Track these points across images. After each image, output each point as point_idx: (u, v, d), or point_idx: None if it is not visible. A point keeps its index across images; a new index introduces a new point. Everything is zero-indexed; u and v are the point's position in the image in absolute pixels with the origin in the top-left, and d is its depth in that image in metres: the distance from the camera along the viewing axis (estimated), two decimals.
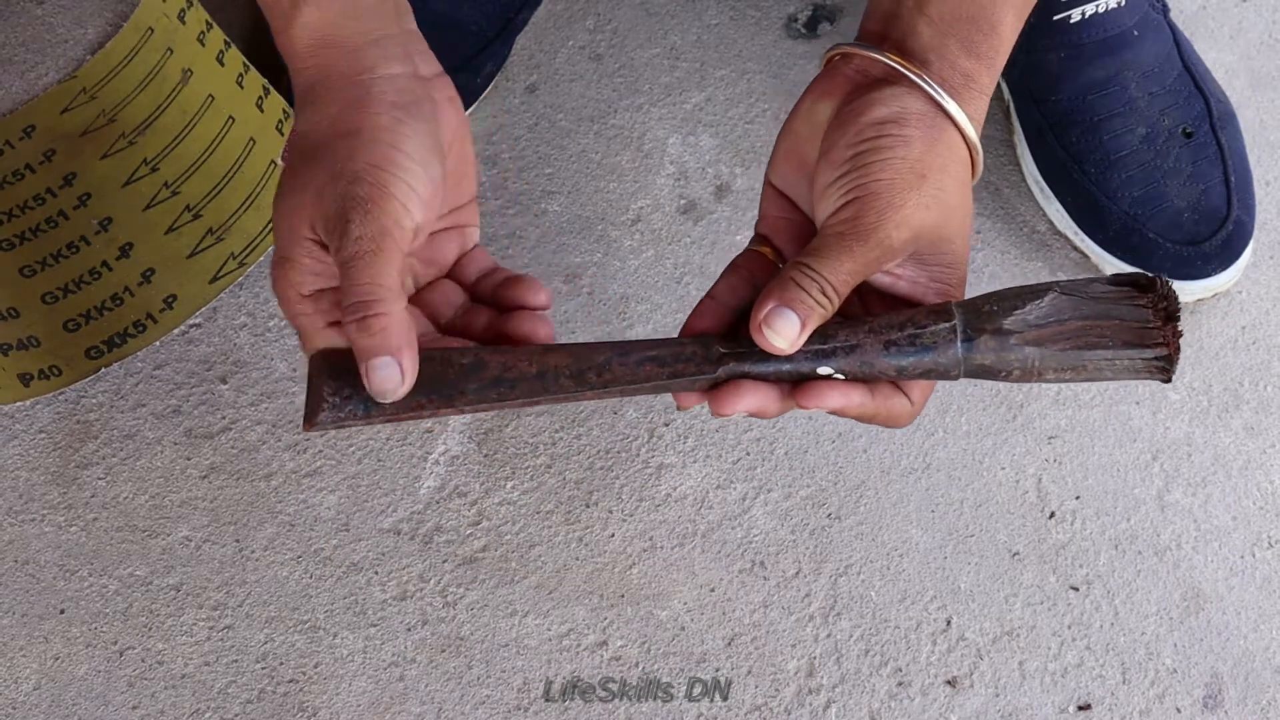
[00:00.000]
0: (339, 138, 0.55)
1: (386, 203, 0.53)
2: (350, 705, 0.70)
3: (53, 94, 0.89)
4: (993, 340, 0.54)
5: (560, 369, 0.54)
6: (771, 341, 0.53)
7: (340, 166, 0.54)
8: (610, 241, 0.84)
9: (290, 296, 0.55)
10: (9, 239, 0.84)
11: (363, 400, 0.53)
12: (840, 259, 0.53)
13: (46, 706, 0.70)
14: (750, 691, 0.70)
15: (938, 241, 0.55)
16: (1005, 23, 0.56)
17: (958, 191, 0.55)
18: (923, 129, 0.54)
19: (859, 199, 0.53)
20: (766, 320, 0.53)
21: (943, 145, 0.55)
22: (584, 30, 0.93)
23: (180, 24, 0.87)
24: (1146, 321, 0.55)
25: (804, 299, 0.53)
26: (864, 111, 0.55)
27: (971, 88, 0.56)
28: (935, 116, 0.55)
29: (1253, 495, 0.76)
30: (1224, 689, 0.71)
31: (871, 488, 0.76)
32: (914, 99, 0.55)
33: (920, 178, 0.53)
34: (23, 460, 0.77)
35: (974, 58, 0.55)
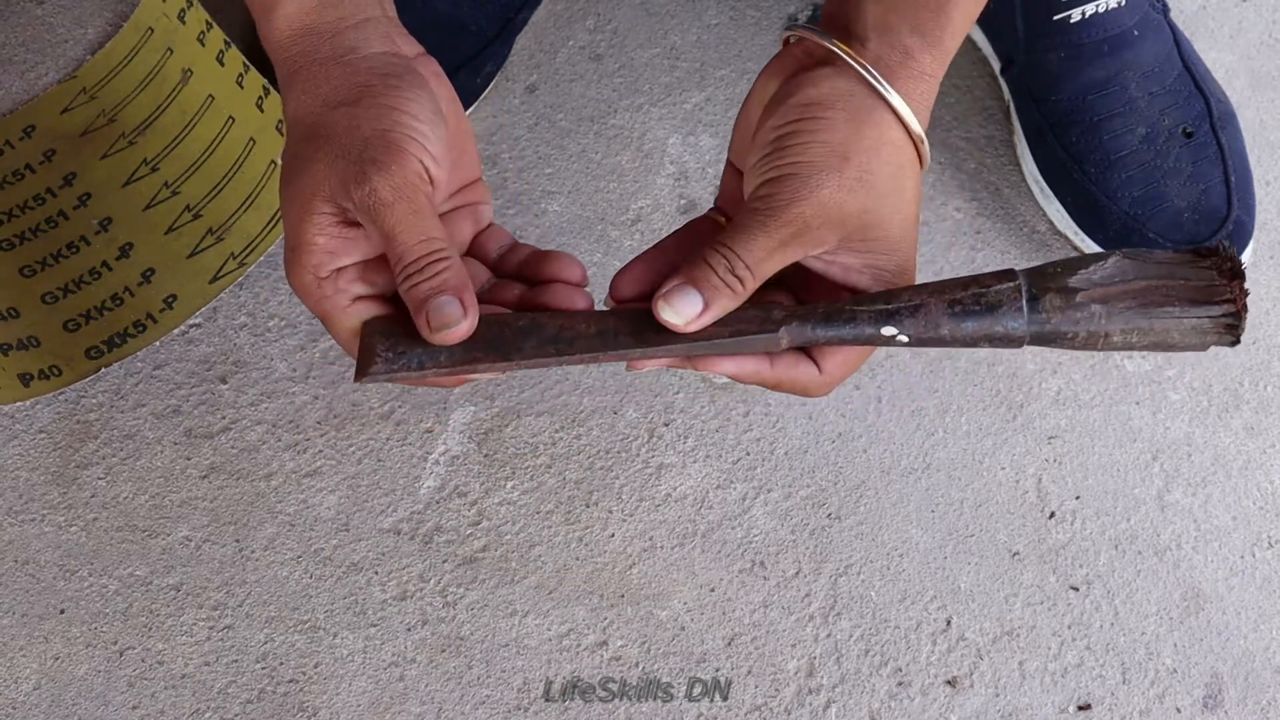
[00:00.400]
0: (335, 111, 0.54)
1: (405, 159, 0.52)
2: (350, 705, 0.70)
3: (53, 94, 0.89)
4: (1059, 299, 0.53)
5: (619, 328, 0.54)
6: (666, 318, 0.53)
7: (345, 137, 0.53)
8: (610, 241, 0.84)
9: (308, 283, 0.54)
10: (9, 239, 0.84)
11: (417, 354, 0.53)
12: (753, 236, 0.53)
13: (46, 706, 0.70)
14: (750, 691, 0.70)
15: (867, 226, 0.54)
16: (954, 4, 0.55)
17: (890, 176, 0.54)
18: (850, 110, 0.53)
19: (776, 179, 0.53)
20: (666, 296, 0.53)
21: (871, 128, 0.53)
22: (584, 30, 0.93)
23: (180, 24, 0.87)
24: (1212, 280, 0.53)
25: (710, 278, 0.53)
26: (793, 93, 0.54)
27: (910, 66, 0.54)
28: (866, 97, 0.54)
29: (1253, 495, 0.76)
30: (1224, 689, 0.71)
31: (871, 488, 0.76)
32: (845, 80, 0.54)
33: (842, 160, 0.53)
34: (23, 460, 0.77)
35: (917, 34, 0.54)
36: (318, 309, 0.55)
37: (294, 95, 0.56)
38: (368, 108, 0.54)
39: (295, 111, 0.55)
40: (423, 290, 0.52)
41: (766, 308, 0.54)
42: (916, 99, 0.55)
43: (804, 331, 0.54)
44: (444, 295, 0.52)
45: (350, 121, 0.53)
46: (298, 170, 0.54)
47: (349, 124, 0.53)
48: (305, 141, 0.54)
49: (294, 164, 0.54)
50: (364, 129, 0.53)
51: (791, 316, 0.54)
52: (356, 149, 0.52)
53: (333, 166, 0.53)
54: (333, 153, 0.53)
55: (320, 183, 0.53)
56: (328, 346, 0.80)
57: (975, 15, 0.56)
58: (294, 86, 0.56)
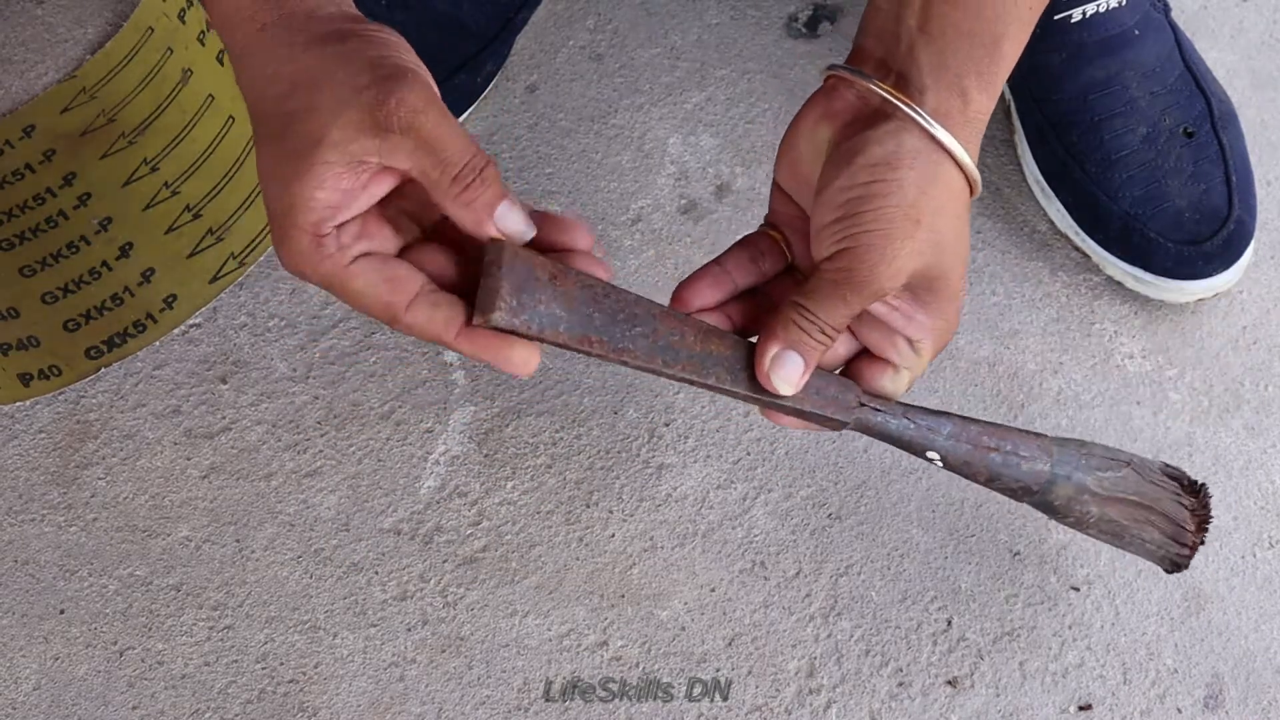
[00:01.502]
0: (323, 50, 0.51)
1: (419, 73, 0.51)
2: (350, 705, 0.70)
3: (53, 94, 0.89)
4: (1070, 489, 0.63)
5: (720, 358, 0.57)
6: (778, 387, 0.56)
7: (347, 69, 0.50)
8: (610, 241, 0.84)
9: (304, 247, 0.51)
10: (9, 239, 0.84)
11: (539, 314, 0.51)
12: (836, 306, 0.55)
13: (46, 706, 0.70)
14: (750, 692, 0.70)
15: (934, 279, 0.56)
16: (1007, 38, 0.55)
17: (953, 229, 0.55)
18: (918, 169, 0.54)
19: (852, 250, 0.54)
20: (774, 366, 0.56)
21: (939, 185, 0.54)
22: (584, 30, 0.92)
23: (180, 24, 0.87)
24: (1184, 523, 0.65)
25: (805, 340, 0.56)
26: (860, 151, 0.54)
27: (968, 112, 0.55)
28: (932, 153, 0.54)
29: (1253, 495, 0.76)
30: (1225, 689, 0.70)
31: (872, 488, 0.76)
32: (910, 135, 0.54)
33: (915, 224, 0.53)
34: (23, 460, 0.77)
35: (974, 75, 0.54)
36: (318, 273, 0.52)
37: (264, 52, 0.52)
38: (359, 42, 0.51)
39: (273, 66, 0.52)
40: (487, 196, 0.51)
41: (846, 388, 0.59)
42: (973, 142, 0.55)
43: (868, 422, 0.60)
44: (505, 201, 0.51)
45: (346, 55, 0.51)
46: (285, 126, 0.50)
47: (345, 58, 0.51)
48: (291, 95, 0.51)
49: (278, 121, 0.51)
50: (366, 55, 0.51)
51: (866, 408, 0.59)
52: (365, 75, 0.50)
53: (341, 102, 0.50)
54: (337, 89, 0.50)
55: (324, 128, 0.50)
56: (328, 346, 0.80)
57: (1022, 47, 0.56)
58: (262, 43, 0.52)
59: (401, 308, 0.52)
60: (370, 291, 0.52)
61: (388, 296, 0.52)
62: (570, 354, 0.80)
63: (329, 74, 0.50)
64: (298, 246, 0.51)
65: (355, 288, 0.52)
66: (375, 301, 0.52)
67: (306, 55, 0.51)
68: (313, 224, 0.51)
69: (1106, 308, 0.81)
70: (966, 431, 0.61)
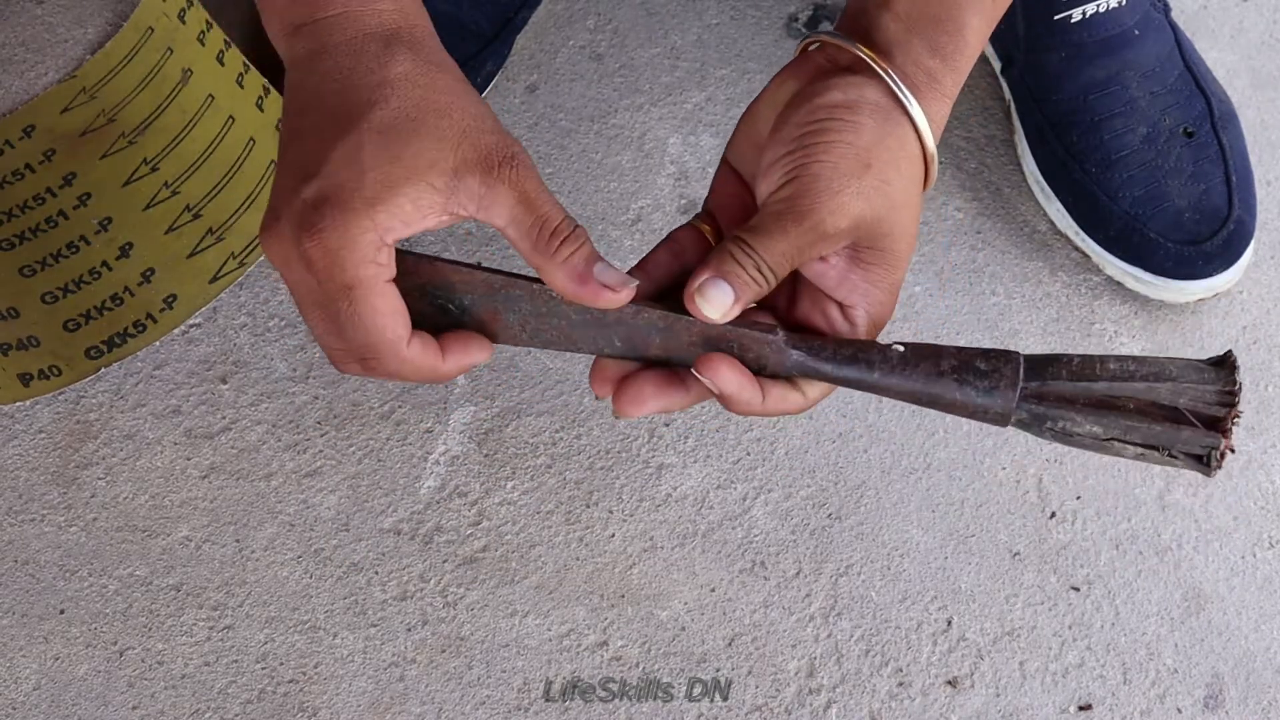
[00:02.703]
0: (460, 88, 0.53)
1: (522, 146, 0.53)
2: (350, 705, 0.70)
3: (53, 94, 0.89)
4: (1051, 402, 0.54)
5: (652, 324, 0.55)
6: (703, 310, 0.53)
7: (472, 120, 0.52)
8: (611, 241, 0.84)
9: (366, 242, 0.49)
10: (9, 239, 0.84)
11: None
12: (775, 239, 0.53)
13: (46, 706, 0.70)
14: (750, 692, 0.70)
15: (877, 236, 0.54)
16: (970, 26, 0.55)
17: (904, 189, 0.54)
18: (876, 119, 0.53)
19: (799, 179, 0.53)
20: (700, 290, 0.53)
21: (894, 139, 0.54)
22: (584, 30, 0.92)
23: (180, 24, 0.87)
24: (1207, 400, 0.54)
25: (739, 273, 0.53)
26: (819, 94, 0.54)
27: (934, 87, 0.55)
28: (891, 110, 0.54)
29: (1254, 495, 0.76)
30: (1225, 689, 0.70)
31: (872, 488, 0.76)
32: (872, 89, 0.54)
33: (864, 166, 0.53)
34: (23, 460, 0.77)
35: (938, 57, 0.55)
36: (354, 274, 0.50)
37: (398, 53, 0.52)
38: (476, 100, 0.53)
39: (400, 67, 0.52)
40: (585, 252, 0.52)
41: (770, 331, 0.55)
42: (935, 120, 0.55)
43: (808, 363, 0.55)
44: (601, 262, 0.52)
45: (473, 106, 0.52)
46: (416, 132, 0.50)
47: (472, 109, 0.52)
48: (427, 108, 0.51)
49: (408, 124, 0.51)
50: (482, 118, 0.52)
51: (799, 349, 0.54)
52: (490, 123, 0.52)
53: (467, 140, 0.51)
54: (465, 130, 0.51)
55: (448, 154, 0.51)
56: None
57: (986, 37, 0.57)
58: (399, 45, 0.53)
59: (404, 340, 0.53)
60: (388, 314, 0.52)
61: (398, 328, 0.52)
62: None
63: (461, 107, 0.52)
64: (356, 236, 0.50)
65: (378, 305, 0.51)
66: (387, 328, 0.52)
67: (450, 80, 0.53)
68: (384, 227, 0.50)
69: (1106, 308, 0.81)
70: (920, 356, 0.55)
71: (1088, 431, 0.54)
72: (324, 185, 0.50)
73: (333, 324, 0.51)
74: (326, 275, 0.50)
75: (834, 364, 0.55)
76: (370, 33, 0.52)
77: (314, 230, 0.49)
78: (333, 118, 0.51)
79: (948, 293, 0.82)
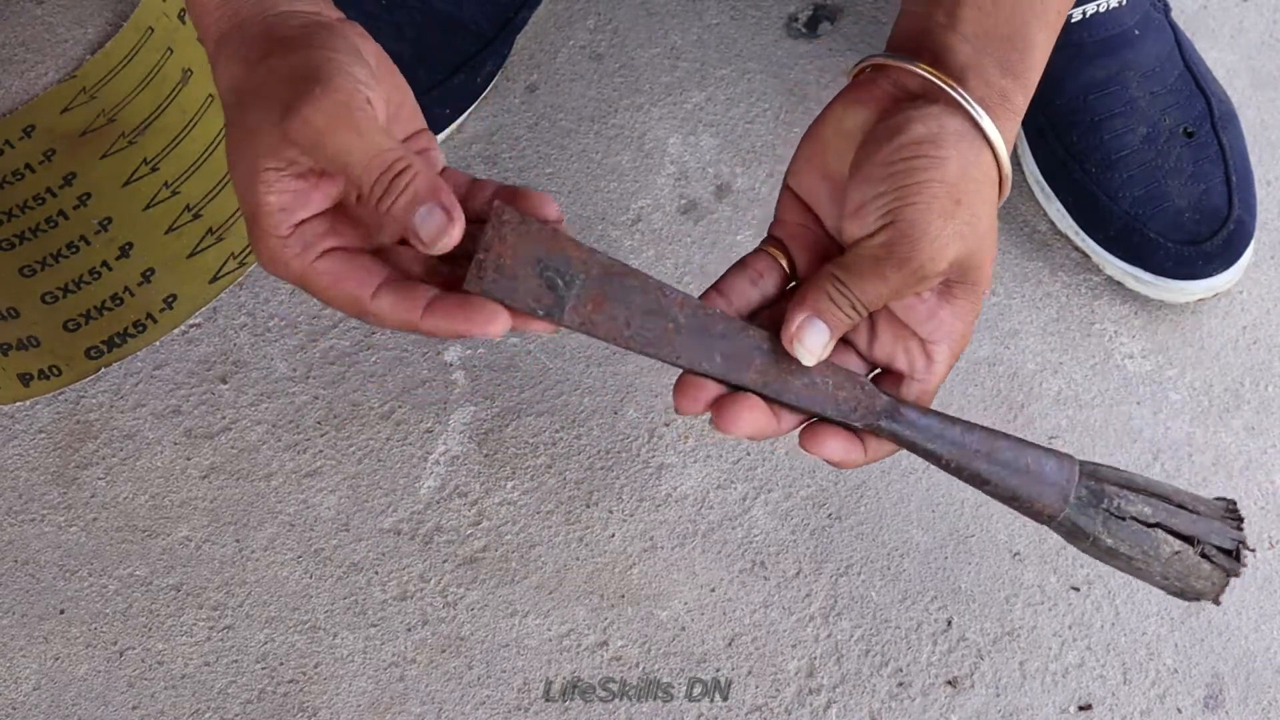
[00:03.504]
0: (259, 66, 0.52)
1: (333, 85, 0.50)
2: (350, 705, 0.70)
3: (53, 94, 0.89)
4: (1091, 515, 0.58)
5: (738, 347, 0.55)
6: (800, 354, 0.54)
7: (271, 86, 0.50)
8: (610, 241, 0.84)
9: (273, 249, 0.51)
10: (9, 239, 0.84)
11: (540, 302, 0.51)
12: (875, 283, 0.53)
13: (46, 706, 0.70)
14: (750, 692, 0.70)
15: (968, 270, 0.55)
16: (1038, 43, 0.55)
17: (987, 216, 0.54)
18: (960, 150, 0.53)
19: (895, 224, 0.53)
20: (799, 331, 0.54)
21: (978, 169, 0.54)
22: (584, 30, 0.93)
23: (180, 24, 0.87)
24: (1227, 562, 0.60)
25: (834, 312, 0.54)
26: (902, 129, 0.53)
27: (1007, 107, 0.54)
28: (973, 137, 0.54)
29: (1254, 495, 0.76)
30: (1225, 689, 0.70)
31: (872, 488, 0.76)
32: (952, 118, 0.53)
33: (955, 204, 0.53)
34: (23, 460, 0.77)
35: (1010, 77, 0.54)
36: (290, 272, 0.52)
37: (221, 65, 0.53)
38: (288, 54, 0.52)
39: (226, 80, 0.53)
40: (400, 205, 0.49)
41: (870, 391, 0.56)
42: (1009, 138, 0.55)
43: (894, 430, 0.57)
44: (422, 205, 0.49)
45: (273, 71, 0.51)
46: (236, 139, 0.51)
47: (271, 74, 0.51)
48: (237, 107, 0.52)
49: (232, 134, 0.52)
50: (290, 67, 0.51)
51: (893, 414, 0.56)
52: (283, 90, 0.50)
53: (265, 117, 0.50)
54: (262, 105, 0.50)
55: (259, 139, 0.50)
56: (328, 346, 0.80)
57: (1050, 49, 0.56)
58: (221, 55, 0.53)
59: (366, 297, 0.52)
60: (335, 285, 0.52)
61: (353, 289, 0.52)
62: (570, 354, 0.80)
63: (260, 87, 0.51)
64: (268, 251, 0.52)
65: (321, 283, 0.52)
66: (341, 294, 0.52)
67: (248, 70, 0.52)
68: (272, 226, 0.51)
69: (1106, 308, 0.81)
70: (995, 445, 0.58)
71: (1138, 511, 0.59)
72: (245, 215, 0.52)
73: None
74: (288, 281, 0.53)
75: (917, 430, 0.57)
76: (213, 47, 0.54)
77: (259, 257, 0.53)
78: None
79: None
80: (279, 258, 0.52)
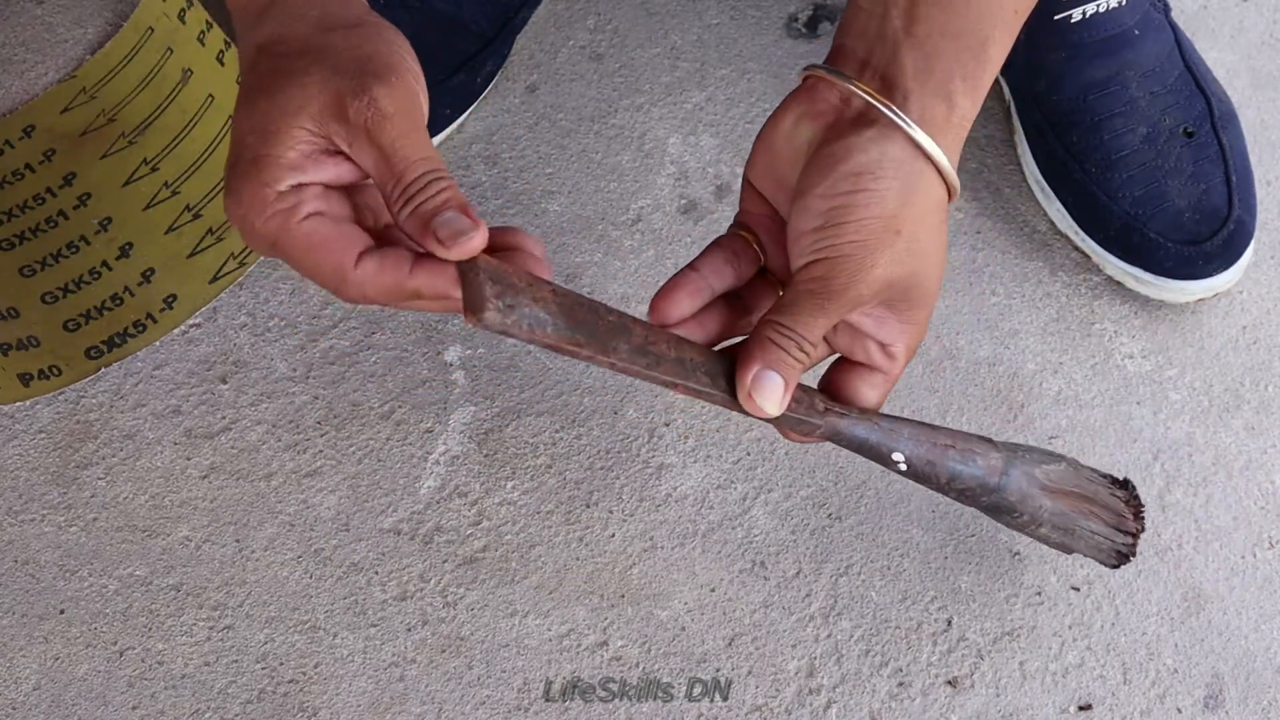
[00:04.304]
0: (331, 33, 0.52)
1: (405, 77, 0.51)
2: (350, 705, 0.70)
3: (53, 94, 0.89)
4: (1024, 481, 0.63)
5: (697, 363, 0.56)
6: (762, 408, 0.55)
7: (343, 55, 0.51)
8: (610, 241, 0.84)
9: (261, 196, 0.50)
10: (9, 239, 0.84)
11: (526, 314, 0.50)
12: (815, 317, 0.54)
13: (46, 706, 0.70)
14: (751, 692, 0.70)
15: (910, 290, 0.55)
16: (994, 41, 0.54)
17: (931, 238, 0.55)
18: (900, 178, 0.53)
19: (831, 260, 0.53)
20: (754, 386, 0.55)
21: (920, 194, 0.54)
22: (584, 30, 0.92)
23: (180, 24, 0.87)
24: (1122, 513, 0.66)
25: (784, 359, 0.55)
26: (842, 159, 0.53)
27: (952, 118, 0.54)
28: (915, 161, 0.53)
29: (1254, 495, 0.76)
30: (1225, 689, 0.70)
31: (872, 488, 0.76)
32: (893, 144, 0.53)
33: (895, 234, 0.53)
34: (23, 460, 0.77)
35: (960, 79, 0.54)
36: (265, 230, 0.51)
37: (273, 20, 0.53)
38: (367, 33, 0.52)
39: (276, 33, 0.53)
40: (430, 205, 0.49)
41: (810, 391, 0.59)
42: (955, 149, 0.55)
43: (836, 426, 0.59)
44: (450, 210, 0.49)
45: (349, 42, 0.52)
46: (277, 85, 0.51)
47: (347, 44, 0.51)
48: (291, 57, 0.51)
49: (270, 79, 0.51)
50: (364, 48, 0.51)
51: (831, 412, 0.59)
52: (355, 65, 0.50)
53: (327, 82, 0.50)
54: (328, 69, 0.50)
55: (309, 98, 0.50)
56: (328, 346, 0.80)
57: (1007, 51, 0.56)
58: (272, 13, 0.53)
59: (350, 264, 0.51)
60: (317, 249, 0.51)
61: (336, 254, 0.51)
62: None
63: (330, 52, 0.51)
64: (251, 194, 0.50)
65: (299, 245, 0.51)
66: (322, 259, 0.51)
67: (317, 30, 0.52)
68: (271, 177, 0.50)
69: (1106, 308, 0.81)
70: (924, 432, 0.61)
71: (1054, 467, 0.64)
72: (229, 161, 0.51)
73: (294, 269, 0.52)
74: (255, 237, 0.51)
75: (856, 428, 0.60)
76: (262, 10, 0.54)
77: (231, 204, 0.51)
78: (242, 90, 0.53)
79: (948, 293, 0.82)
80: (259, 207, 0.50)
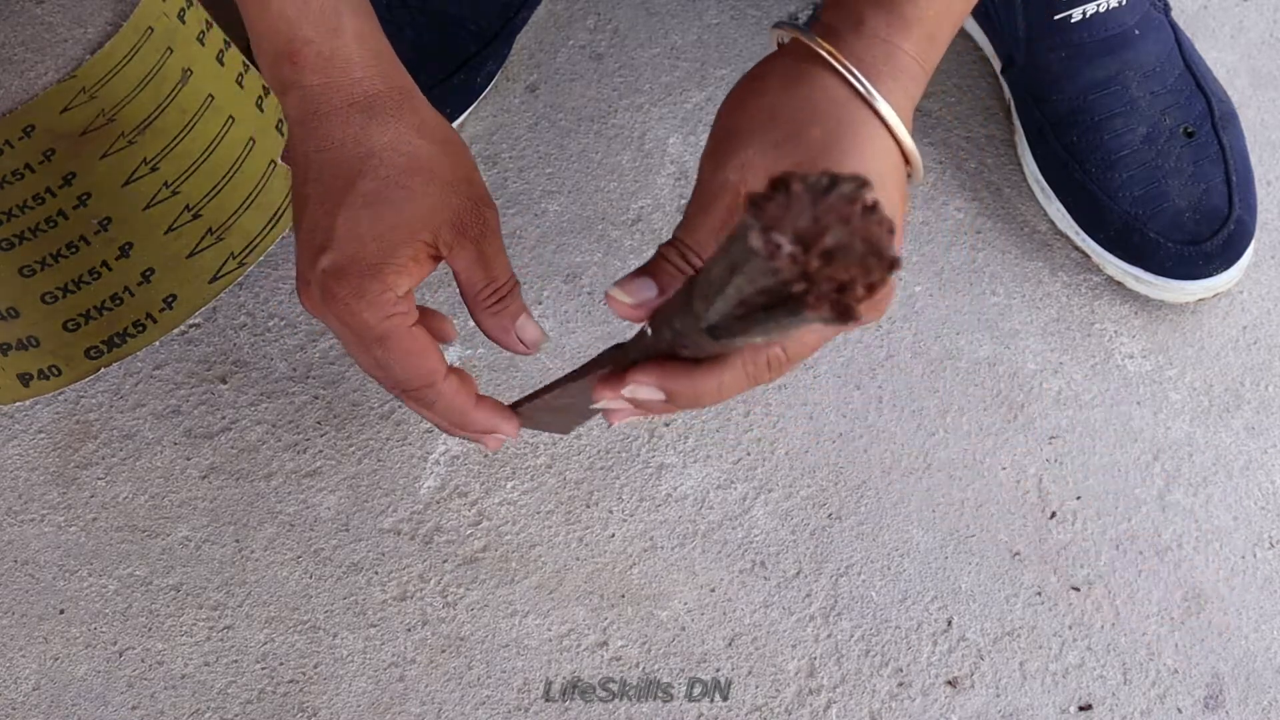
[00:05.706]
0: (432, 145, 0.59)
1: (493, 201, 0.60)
2: (350, 705, 0.70)
3: (53, 94, 0.89)
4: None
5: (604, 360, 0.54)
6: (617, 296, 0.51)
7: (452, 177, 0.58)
8: (610, 241, 0.84)
9: (385, 300, 0.57)
10: (9, 239, 0.84)
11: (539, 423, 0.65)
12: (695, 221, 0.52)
13: (46, 706, 0.70)
14: (751, 692, 0.70)
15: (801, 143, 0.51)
16: None
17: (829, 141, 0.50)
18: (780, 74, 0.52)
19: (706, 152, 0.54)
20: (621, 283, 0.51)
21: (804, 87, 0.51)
22: (584, 30, 0.92)
23: (180, 24, 0.87)
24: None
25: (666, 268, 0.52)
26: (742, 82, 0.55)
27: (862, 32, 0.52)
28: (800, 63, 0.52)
29: (1254, 495, 0.76)
30: (1225, 689, 0.70)
31: (872, 488, 0.76)
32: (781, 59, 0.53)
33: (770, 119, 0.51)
34: (23, 460, 0.77)
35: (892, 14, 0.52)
36: (382, 326, 0.57)
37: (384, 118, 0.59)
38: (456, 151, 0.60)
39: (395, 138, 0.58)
40: (513, 310, 0.60)
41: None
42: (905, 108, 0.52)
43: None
44: (525, 315, 0.60)
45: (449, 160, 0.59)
46: (404, 198, 0.57)
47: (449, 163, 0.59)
48: (411, 174, 0.58)
49: (396, 192, 0.57)
50: (460, 170, 0.59)
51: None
52: (466, 187, 0.58)
53: (447, 201, 0.58)
54: (447, 189, 0.58)
55: (434, 213, 0.57)
56: (328, 346, 0.80)
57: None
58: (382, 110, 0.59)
59: (442, 373, 0.60)
60: (419, 354, 0.59)
61: (434, 363, 0.59)
62: (570, 354, 0.80)
63: (442, 174, 0.58)
64: (377, 297, 0.57)
65: (406, 346, 0.58)
66: (421, 364, 0.59)
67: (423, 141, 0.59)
68: (397, 284, 0.57)
69: (1106, 308, 0.81)
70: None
71: None
72: (337, 257, 0.57)
73: (376, 365, 0.59)
74: (359, 331, 0.58)
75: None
76: (354, 102, 0.59)
77: (338, 299, 0.57)
78: (330, 188, 0.58)
79: (948, 293, 0.82)
80: (380, 308, 0.57)
